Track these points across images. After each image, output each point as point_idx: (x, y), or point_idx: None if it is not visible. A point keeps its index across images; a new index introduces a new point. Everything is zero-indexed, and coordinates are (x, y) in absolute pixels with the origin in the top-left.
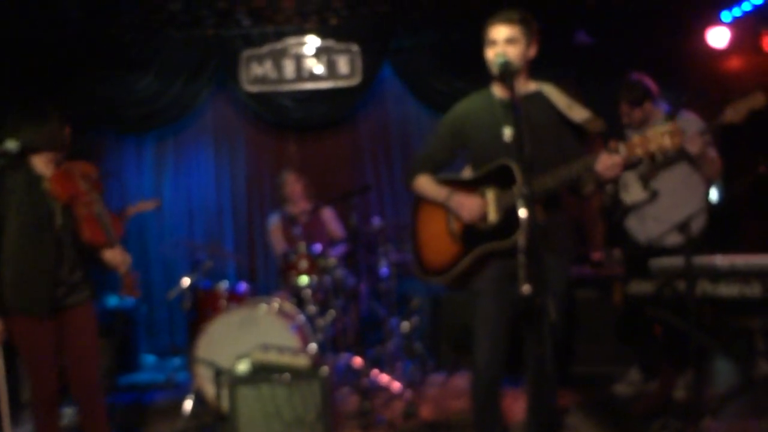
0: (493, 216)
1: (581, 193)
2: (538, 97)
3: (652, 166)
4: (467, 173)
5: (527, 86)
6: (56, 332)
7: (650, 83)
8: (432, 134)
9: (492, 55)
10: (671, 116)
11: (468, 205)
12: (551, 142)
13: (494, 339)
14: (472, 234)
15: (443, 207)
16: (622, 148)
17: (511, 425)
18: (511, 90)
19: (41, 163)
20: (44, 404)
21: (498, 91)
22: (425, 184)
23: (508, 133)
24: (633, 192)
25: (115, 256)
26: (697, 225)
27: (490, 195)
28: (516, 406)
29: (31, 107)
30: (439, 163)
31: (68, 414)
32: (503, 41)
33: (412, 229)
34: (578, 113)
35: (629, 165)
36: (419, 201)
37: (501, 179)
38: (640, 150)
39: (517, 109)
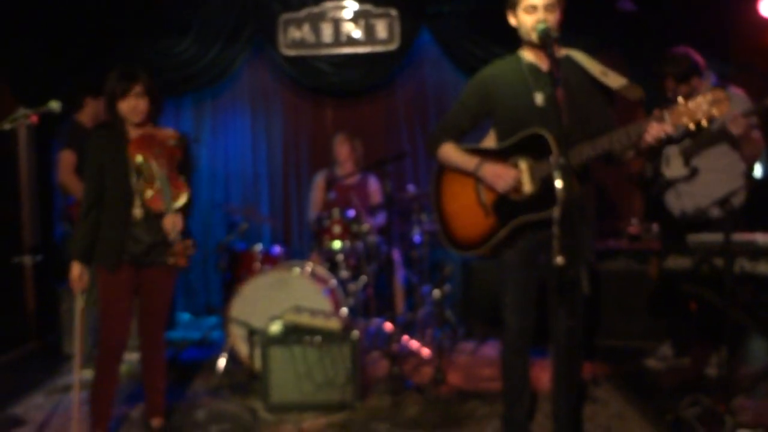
0: (528, 187)
1: (620, 161)
2: (569, 63)
3: (695, 143)
4: (489, 142)
5: (558, 52)
6: (133, 287)
7: (697, 57)
8: (458, 100)
9: (532, 21)
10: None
11: (503, 175)
12: (582, 108)
13: (525, 306)
14: (506, 205)
15: (472, 177)
16: (667, 116)
17: (537, 394)
18: (552, 58)
19: (129, 126)
20: (109, 354)
21: (528, 55)
22: (451, 153)
23: (539, 98)
24: (674, 167)
25: (166, 223)
26: (736, 202)
27: (524, 165)
28: (542, 375)
29: (123, 75)
30: (465, 130)
31: (131, 361)
32: (543, 7)
33: (436, 201)
34: (614, 80)
35: (673, 139)
36: (442, 171)
37: (534, 148)
38: (686, 118)
39: (557, 78)
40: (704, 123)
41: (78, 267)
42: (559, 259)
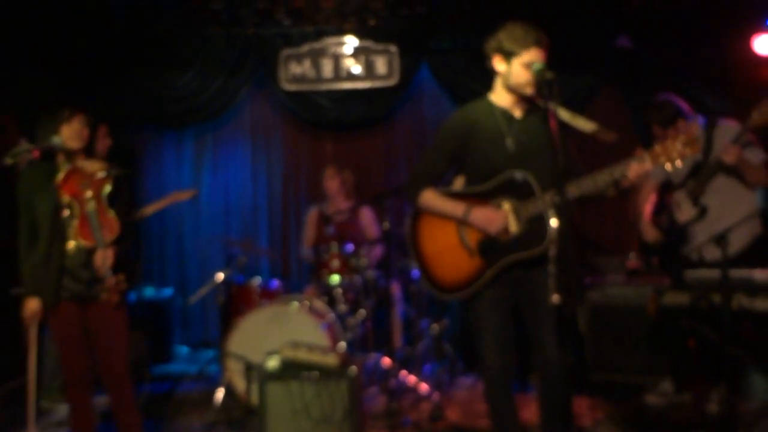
0: (514, 227)
1: (602, 198)
2: (540, 111)
3: (698, 181)
4: (459, 184)
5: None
6: (82, 321)
7: (680, 102)
8: (433, 146)
9: (528, 77)
10: (710, 127)
11: (493, 219)
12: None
13: (503, 341)
14: (491, 247)
15: (453, 221)
16: (647, 157)
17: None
18: (547, 100)
19: (61, 159)
20: (75, 386)
21: (500, 100)
22: (435, 200)
23: (510, 143)
24: (684, 210)
25: (96, 259)
26: (748, 234)
27: (507, 206)
28: (525, 410)
29: (55, 107)
30: (441, 175)
31: (103, 401)
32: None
33: (413, 244)
34: (584, 124)
35: (677, 184)
36: (418, 214)
37: (514, 190)
38: (664, 158)
39: (559, 123)
40: (678, 163)
41: (32, 302)
42: (555, 297)
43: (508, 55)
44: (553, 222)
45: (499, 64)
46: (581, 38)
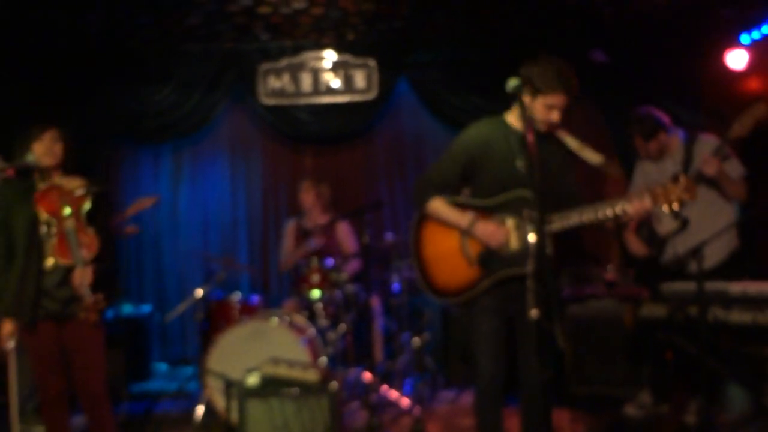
0: (514, 243)
1: (600, 228)
2: (550, 136)
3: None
4: (465, 196)
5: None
6: (58, 340)
7: (660, 114)
8: (446, 156)
9: (545, 116)
10: (690, 140)
11: (495, 234)
12: (557, 178)
13: (495, 351)
14: (490, 259)
15: (457, 230)
16: (647, 197)
17: None
18: (523, 114)
19: (37, 176)
20: (50, 405)
21: (514, 121)
22: (442, 208)
23: (520, 164)
24: (665, 223)
25: (74, 278)
26: (726, 246)
27: (510, 222)
28: (509, 423)
29: (25, 125)
30: (449, 185)
31: (80, 421)
32: (560, 110)
33: (415, 246)
34: (591, 156)
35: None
36: (423, 219)
37: (519, 209)
38: (662, 199)
39: (565, 151)
40: (675, 206)
41: (7, 322)
42: (534, 312)
43: (535, 92)
44: (531, 237)
45: (526, 96)
46: (556, 51)
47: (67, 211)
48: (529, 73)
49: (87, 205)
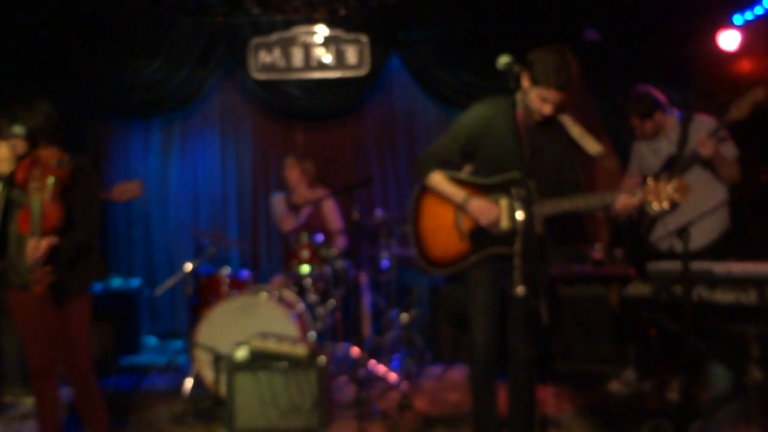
0: (504, 223)
1: (591, 215)
2: (555, 121)
3: (671, 174)
4: (466, 171)
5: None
6: (42, 312)
7: (658, 93)
8: (450, 132)
9: (539, 107)
10: (686, 121)
11: (486, 211)
12: (555, 164)
13: (491, 324)
14: (481, 235)
15: (453, 204)
16: (639, 192)
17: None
18: (514, 91)
19: (21, 148)
20: (38, 375)
21: (520, 103)
22: (441, 182)
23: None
24: None
25: (29, 248)
26: (717, 226)
27: (503, 203)
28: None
29: (14, 96)
30: (450, 160)
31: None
32: (554, 103)
33: (414, 217)
34: (592, 145)
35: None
36: (424, 192)
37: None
38: (653, 197)
39: (567, 138)
40: (665, 206)
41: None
42: (520, 289)
43: (533, 80)
44: (519, 215)
45: (524, 79)
46: (548, 30)
47: (36, 182)
48: (532, 60)
49: (51, 180)
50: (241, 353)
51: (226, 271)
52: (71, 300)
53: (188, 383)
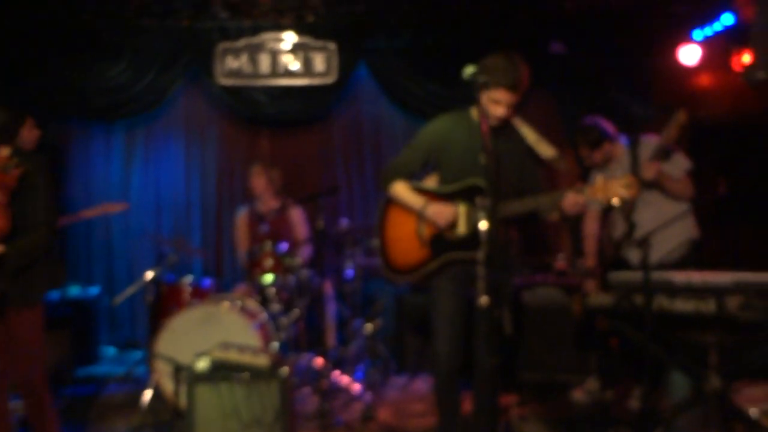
0: (462, 228)
1: (545, 218)
2: (510, 127)
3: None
4: (431, 182)
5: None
6: None
7: (606, 124)
8: (411, 145)
9: (493, 111)
10: (633, 145)
11: (443, 213)
12: (515, 168)
13: (454, 332)
14: (440, 242)
15: (415, 213)
16: (587, 190)
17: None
18: (478, 100)
19: None
20: None
21: (476, 115)
22: (402, 191)
23: (482, 156)
24: (619, 228)
25: None
26: (679, 237)
27: (462, 209)
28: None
29: None
30: (413, 172)
31: (19, 406)
32: (507, 105)
33: (380, 228)
34: (546, 150)
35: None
36: (389, 203)
37: (473, 197)
38: (601, 194)
39: (523, 144)
40: (615, 201)
41: None
42: (483, 299)
43: (484, 85)
44: (483, 225)
45: (482, 94)
46: (515, 41)
47: None
48: (482, 66)
49: (9, 181)
50: (202, 364)
51: (188, 279)
52: (19, 311)
53: (147, 395)
